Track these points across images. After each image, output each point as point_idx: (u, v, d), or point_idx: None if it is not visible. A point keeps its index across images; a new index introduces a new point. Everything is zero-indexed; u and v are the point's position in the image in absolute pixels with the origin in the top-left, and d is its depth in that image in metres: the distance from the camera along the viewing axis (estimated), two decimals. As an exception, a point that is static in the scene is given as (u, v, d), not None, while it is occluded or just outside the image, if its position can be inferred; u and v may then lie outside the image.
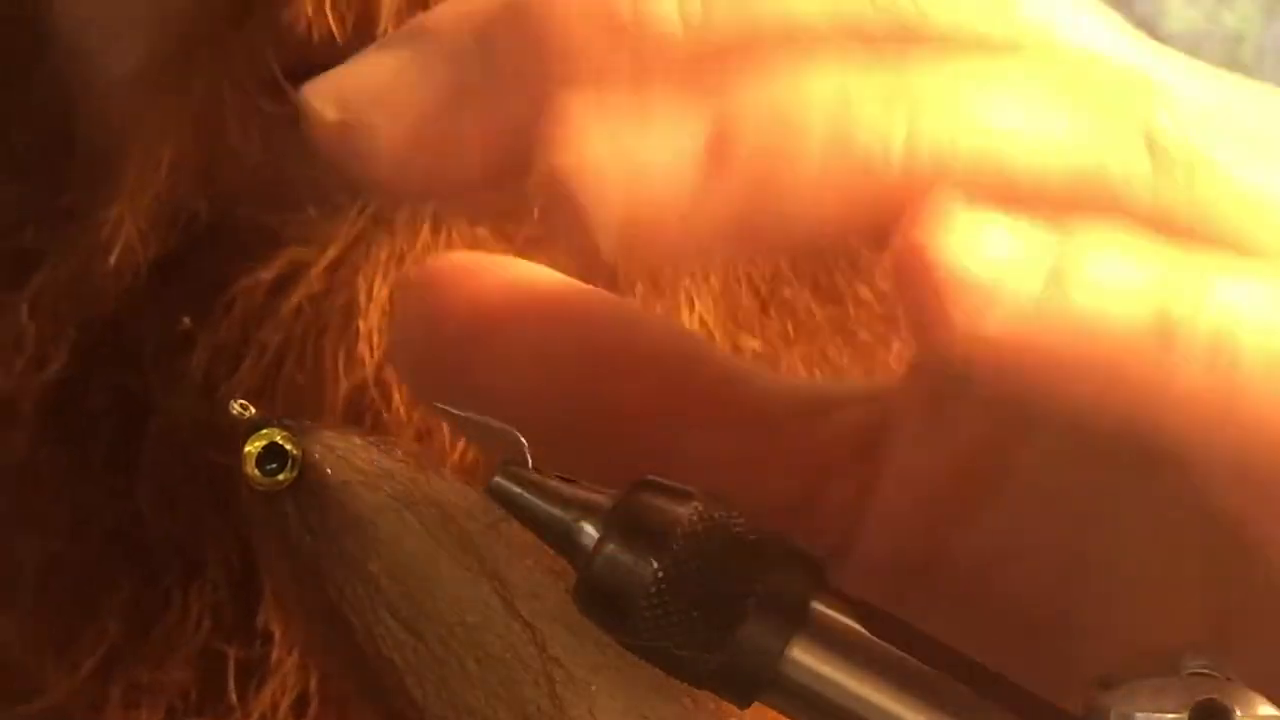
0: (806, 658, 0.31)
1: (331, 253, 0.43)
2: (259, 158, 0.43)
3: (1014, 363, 0.28)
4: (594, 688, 0.33)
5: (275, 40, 0.42)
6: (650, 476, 0.33)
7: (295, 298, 0.43)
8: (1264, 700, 0.31)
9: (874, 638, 0.32)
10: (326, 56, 0.37)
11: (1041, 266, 0.28)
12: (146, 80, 0.44)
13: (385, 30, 0.40)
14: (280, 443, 0.33)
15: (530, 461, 0.32)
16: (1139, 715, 0.31)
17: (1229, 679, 0.31)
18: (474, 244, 0.43)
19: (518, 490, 0.32)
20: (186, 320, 0.44)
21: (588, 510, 0.32)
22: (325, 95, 0.30)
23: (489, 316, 0.33)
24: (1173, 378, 0.28)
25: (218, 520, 0.45)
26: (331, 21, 0.41)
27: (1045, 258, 0.28)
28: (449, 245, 0.43)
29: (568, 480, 0.32)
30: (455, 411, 0.34)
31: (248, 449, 0.33)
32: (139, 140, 0.43)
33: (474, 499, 0.33)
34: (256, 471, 0.33)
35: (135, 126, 0.43)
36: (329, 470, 0.33)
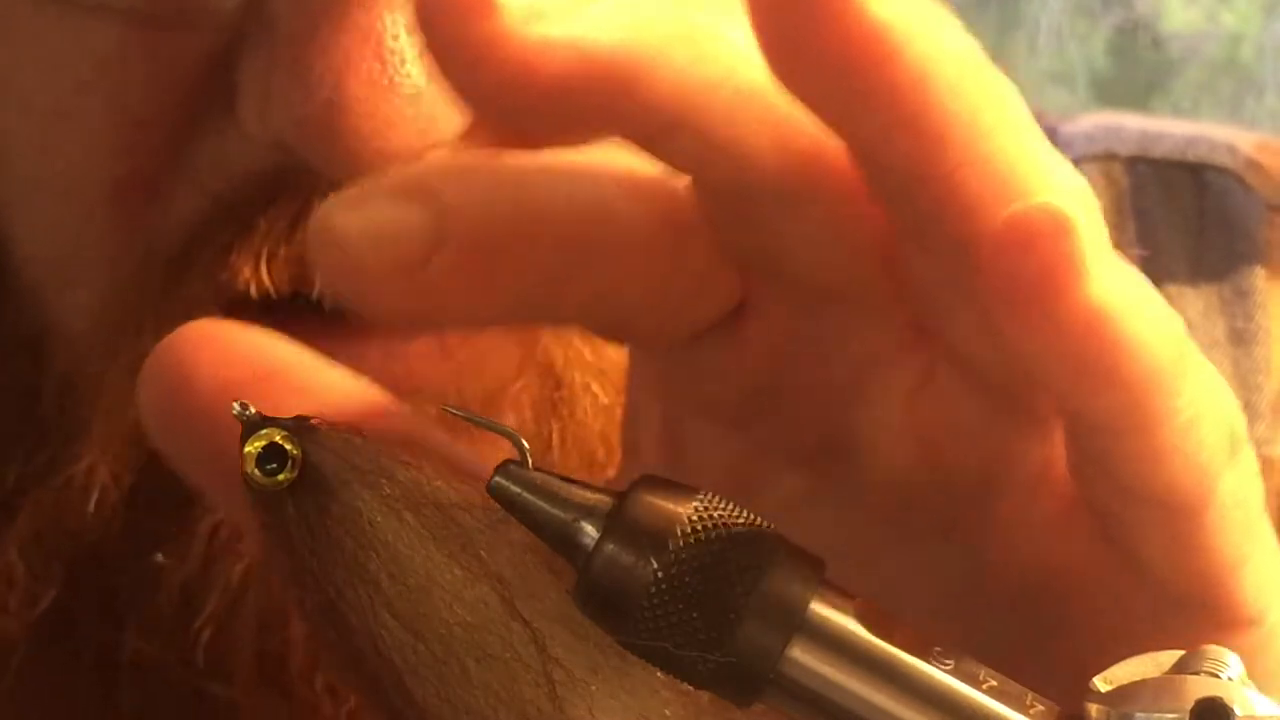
0: (806, 658, 0.31)
1: None
2: None
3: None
4: (594, 688, 0.33)
5: (214, 293, 0.44)
6: (650, 475, 0.33)
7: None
8: (1264, 700, 0.31)
9: (874, 638, 0.32)
10: (268, 303, 0.43)
11: None
12: (101, 330, 0.46)
13: (319, 286, 0.43)
14: (280, 443, 0.33)
15: (530, 461, 0.32)
16: (1139, 715, 0.31)
17: (1229, 679, 0.31)
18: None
19: (518, 490, 0.32)
20: (159, 556, 0.46)
21: (588, 510, 0.32)
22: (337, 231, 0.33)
23: (233, 384, 0.34)
24: (1163, 424, 0.32)
25: None
26: (268, 280, 0.44)
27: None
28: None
29: (568, 480, 0.32)
30: (457, 412, 0.34)
31: (248, 449, 0.33)
32: (103, 391, 0.46)
33: (474, 499, 0.33)
34: (256, 471, 0.33)
35: (97, 378, 0.46)
36: (329, 470, 0.33)
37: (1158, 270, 0.61)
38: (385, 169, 0.41)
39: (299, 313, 0.44)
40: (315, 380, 0.35)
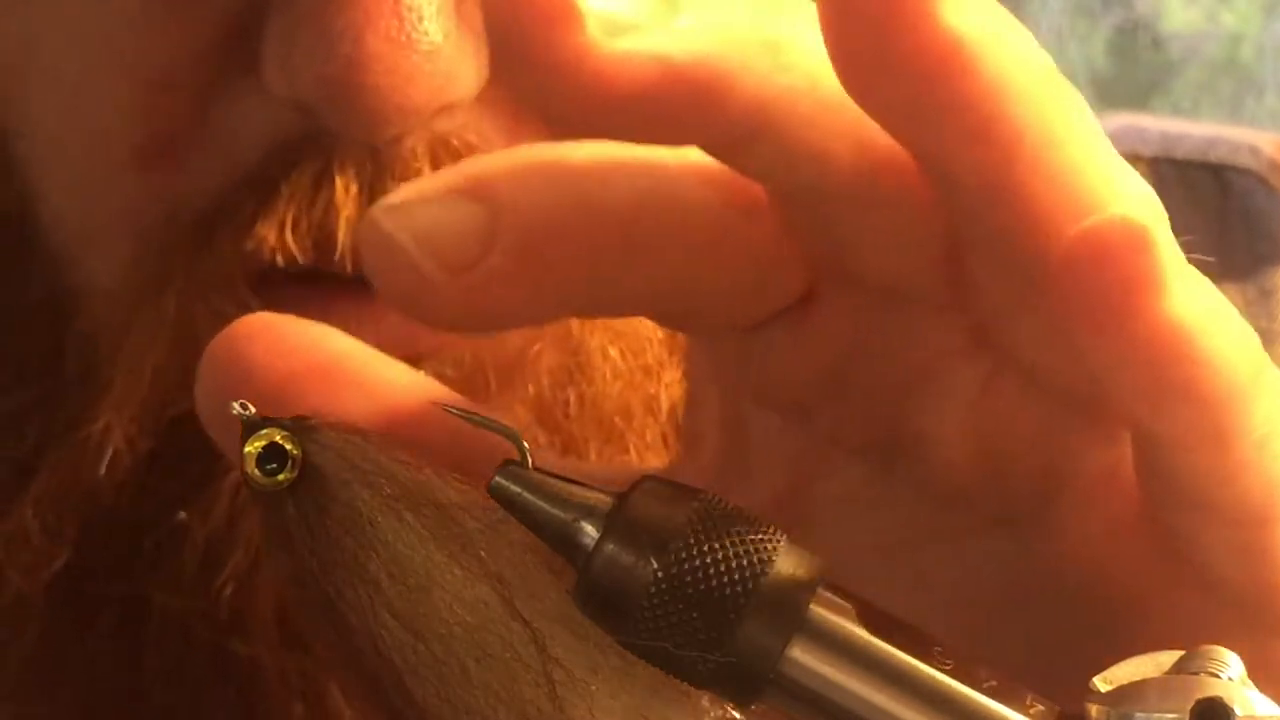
0: (806, 658, 0.31)
1: None
2: None
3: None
4: (594, 688, 0.33)
5: (240, 261, 0.45)
6: (650, 476, 0.33)
7: None
8: (1264, 700, 0.31)
9: (874, 638, 0.32)
10: (293, 269, 0.43)
11: None
12: (126, 292, 0.47)
13: (343, 249, 0.44)
14: (280, 443, 0.33)
15: (530, 461, 0.32)
16: (1139, 715, 0.31)
17: (1229, 679, 0.31)
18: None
19: (518, 490, 0.32)
20: (182, 514, 0.46)
21: (588, 510, 0.32)
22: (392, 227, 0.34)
23: (290, 377, 0.35)
24: (1237, 439, 0.32)
25: (223, 695, 0.47)
26: (293, 246, 0.44)
27: None
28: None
29: (568, 480, 0.32)
30: (458, 412, 0.34)
31: (248, 449, 0.33)
32: (124, 351, 0.46)
33: (474, 499, 0.33)
34: (256, 471, 0.33)
35: (119, 338, 0.47)
36: (329, 470, 0.33)
37: None
38: (409, 130, 0.42)
39: (321, 278, 0.44)
40: (372, 374, 0.35)
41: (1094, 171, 0.32)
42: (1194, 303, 0.30)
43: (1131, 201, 0.32)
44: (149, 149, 0.46)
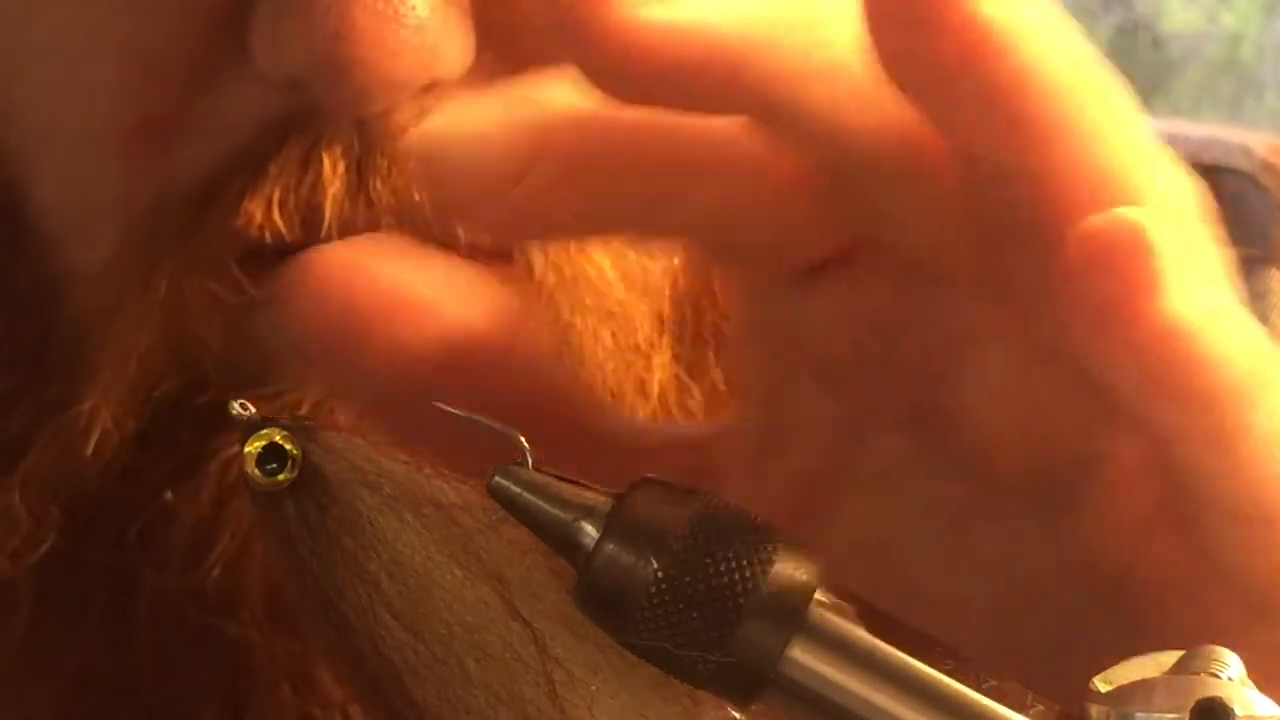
0: (806, 658, 0.31)
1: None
2: (220, 343, 0.46)
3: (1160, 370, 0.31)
4: (594, 688, 0.33)
5: (229, 240, 0.45)
6: (650, 476, 0.33)
7: None
8: (1264, 700, 0.31)
9: (874, 638, 0.32)
10: (280, 247, 0.44)
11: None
12: (115, 274, 0.47)
13: (330, 226, 0.44)
14: (280, 443, 0.33)
15: (530, 461, 0.32)
16: (1139, 715, 0.31)
17: (1229, 679, 0.31)
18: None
19: (518, 490, 0.32)
20: (169, 494, 0.46)
21: (588, 510, 0.32)
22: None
23: (371, 311, 0.37)
24: (1243, 438, 0.32)
25: (212, 676, 0.48)
26: (280, 223, 0.44)
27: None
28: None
29: (568, 480, 0.32)
30: (457, 412, 0.34)
31: (248, 449, 0.33)
32: (112, 334, 0.47)
33: (474, 499, 0.33)
34: (256, 471, 0.33)
35: (108, 319, 0.47)
36: (329, 470, 0.33)
37: None
38: (396, 104, 0.42)
39: None
40: (451, 306, 0.36)
41: (1123, 162, 0.32)
42: (1193, 302, 0.30)
43: (1159, 193, 0.32)
44: (140, 131, 0.46)
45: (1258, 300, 0.63)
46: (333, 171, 0.44)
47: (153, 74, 0.46)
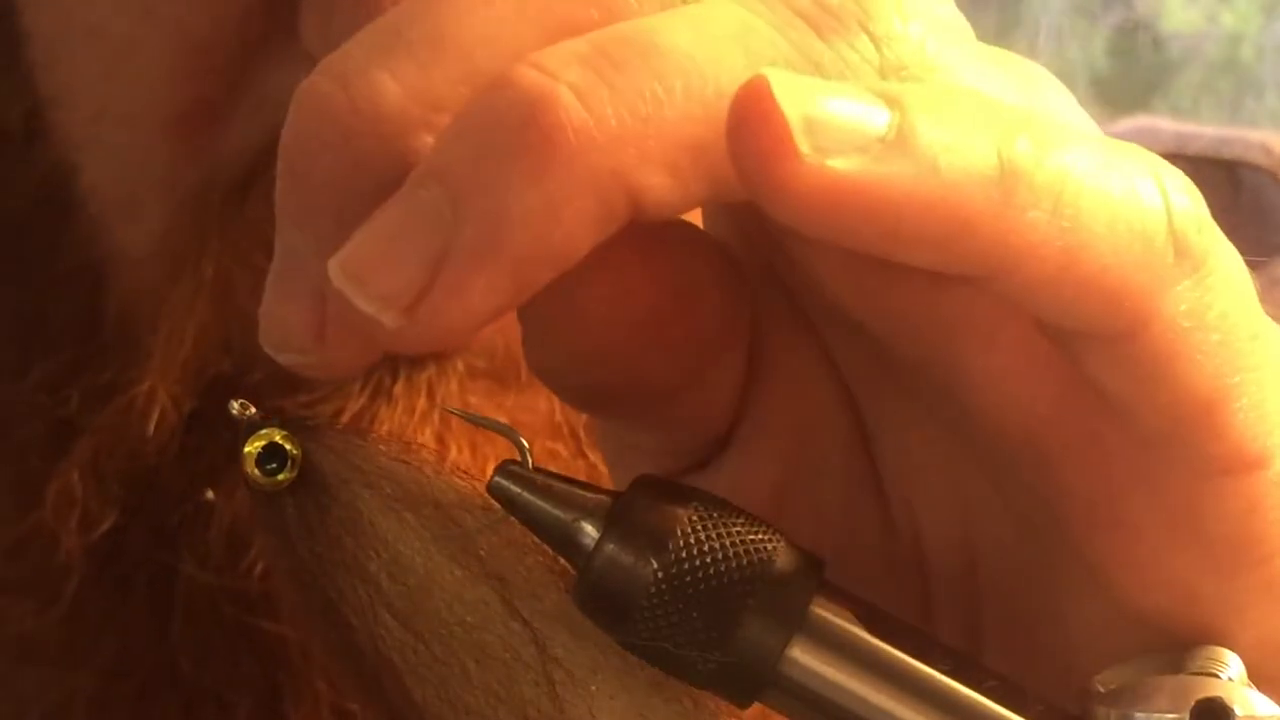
0: (806, 658, 0.31)
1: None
2: None
3: (858, 206, 0.30)
4: (594, 688, 0.33)
5: (273, 221, 0.45)
6: (650, 476, 0.33)
7: None
8: (1264, 700, 0.31)
9: (874, 638, 0.32)
10: None
11: (883, 117, 0.30)
12: (163, 256, 0.47)
13: None
14: (280, 443, 0.33)
15: (530, 462, 0.32)
16: (1139, 715, 0.31)
17: (1229, 679, 0.31)
18: (469, 408, 0.47)
19: (518, 490, 0.32)
20: (210, 493, 0.47)
21: (588, 510, 0.32)
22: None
23: None
24: (1016, 228, 0.30)
25: (249, 666, 0.48)
26: None
27: (887, 111, 0.30)
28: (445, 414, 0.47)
29: (568, 480, 0.32)
30: (458, 412, 0.34)
31: (248, 449, 0.33)
32: (164, 316, 0.47)
33: (474, 499, 0.33)
34: (256, 471, 0.33)
35: (159, 302, 0.47)
36: (329, 470, 0.33)
37: None
38: None
39: None
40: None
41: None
42: (837, 161, 0.30)
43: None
44: (189, 114, 0.47)
45: (1275, 286, 0.64)
46: None
47: (201, 56, 0.46)
